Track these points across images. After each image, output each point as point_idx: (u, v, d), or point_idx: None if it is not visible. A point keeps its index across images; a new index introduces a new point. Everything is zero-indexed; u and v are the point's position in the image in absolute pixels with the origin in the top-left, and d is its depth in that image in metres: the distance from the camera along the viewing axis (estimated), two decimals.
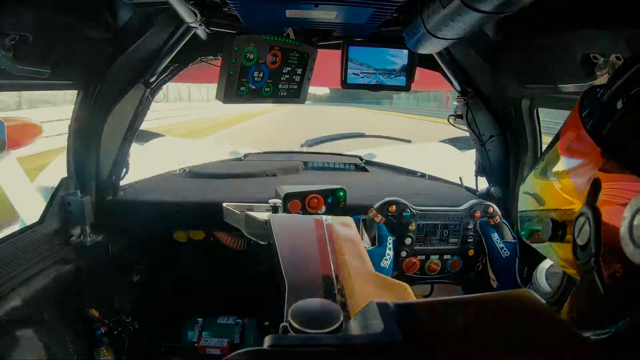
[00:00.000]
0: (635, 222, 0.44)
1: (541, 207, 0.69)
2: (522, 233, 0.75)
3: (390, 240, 1.75)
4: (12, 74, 1.36)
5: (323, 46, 2.00)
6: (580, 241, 0.54)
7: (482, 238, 1.86)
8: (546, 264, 1.05)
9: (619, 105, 0.54)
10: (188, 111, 24.19)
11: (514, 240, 1.83)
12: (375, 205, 1.86)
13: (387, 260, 1.68)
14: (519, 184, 2.09)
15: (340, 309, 0.60)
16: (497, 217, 1.91)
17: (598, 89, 0.61)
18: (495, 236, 1.82)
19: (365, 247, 1.58)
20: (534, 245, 0.71)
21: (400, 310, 0.54)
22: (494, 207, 1.92)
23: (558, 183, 0.64)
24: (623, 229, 0.46)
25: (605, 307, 0.50)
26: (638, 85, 0.52)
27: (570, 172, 0.62)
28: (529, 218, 0.74)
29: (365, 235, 1.81)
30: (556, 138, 0.69)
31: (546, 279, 0.97)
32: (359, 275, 0.98)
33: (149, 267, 2.56)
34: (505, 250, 1.77)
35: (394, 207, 1.85)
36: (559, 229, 0.59)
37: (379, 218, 1.82)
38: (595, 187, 0.52)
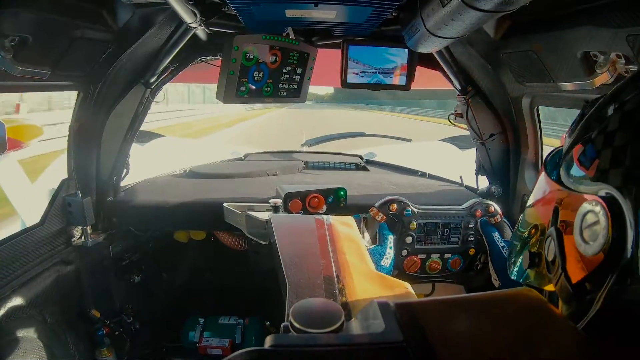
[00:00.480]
0: (583, 225, 0.54)
1: (520, 245, 0.79)
2: (513, 276, 0.82)
3: (391, 238, 1.75)
4: (12, 75, 1.36)
5: (323, 45, 2.00)
6: (549, 257, 0.62)
7: (483, 237, 1.86)
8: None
9: (570, 146, 0.64)
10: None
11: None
12: (377, 204, 1.86)
13: (387, 259, 1.68)
14: (520, 183, 2.10)
15: (341, 309, 0.60)
16: (498, 216, 1.91)
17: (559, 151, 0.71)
18: (496, 235, 1.82)
19: (366, 246, 1.58)
20: (523, 281, 0.77)
21: (401, 309, 0.54)
22: (494, 206, 1.92)
23: (531, 219, 0.75)
24: (575, 232, 0.55)
25: (578, 302, 0.56)
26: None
27: (540, 212, 0.72)
28: (513, 262, 0.82)
29: (366, 234, 1.81)
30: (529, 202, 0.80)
31: None
32: (360, 274, 0.98)
33: (150, 267, 2.56)
34: (506, 250, 1.76)
35: (395, 205, 1.85)
36: (535, 257, 0.68)
37: (380, 217, 1.82)
38: (555, 212, 0.62)
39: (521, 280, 0.77)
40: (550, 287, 0.64)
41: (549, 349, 0.51)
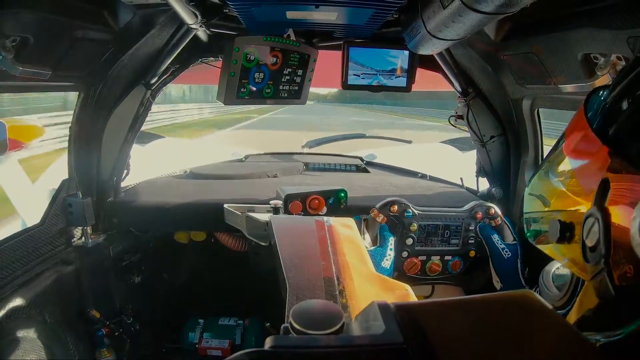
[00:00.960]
0: None
1: (548, 209, 0.68)
2: (528, 235, 0.75)
3: (391, 240, 1.75)
4: (12, 75, 1.36)
5: (324, 47, 2.00)
6: (589, 242, 0.53)
7: (483, 240, 1.86)
8: (552, 266, 1.04)
9: (625, 105, 0.53)
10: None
11: (514, 242, 1.83)
12: (377, 205, 1.86)
13: (387, 260, 1.68)
14: (520, 185, 2.10)
15: (341, 310, 0.60)
16: (498, 218, 1.91)
17: (603, 90, 0.61)
18: (495, 237, 1.81)
19: (367, 247, 1.58)
20: (541, 247, 0.70)
21: (401, 311, 0.54)
22: (495, 209, 1.92)
23: (565, 184, 0.64)
24: (633, 230, 0.45)
25: (616, 309, 0.49)
26: None
27: (577, 173, 0.61)
28: (535, 220, 0.73)
29: (367, 235, 1.81)
30: (561, 139, 0.68)
31: (553, 282, 0.96)
32: (360, 276, 0.97)
33: (150, 268, 2.56)
34: (506, 252, 1.76)
35: (396, 207, 1.85)
36: (567, 231, 0.59)
37: (380, 218, 1.82)
38: (603, 187, 0.52)
39: (537, 245, 0.70)
40: (578, 272, 0.57)
41: (549, 353, 0.51)
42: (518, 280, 1.71)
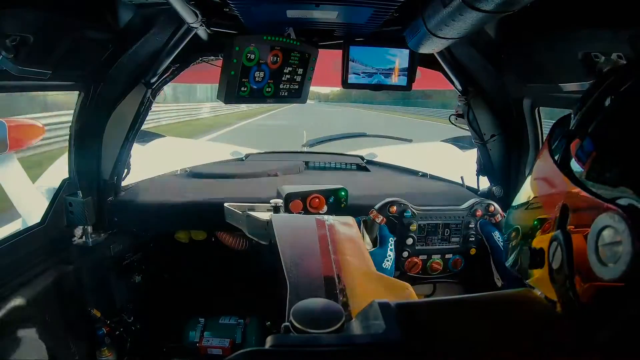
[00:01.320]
0: (599, 242, 0.46)
1: (521, 234, 0.71)
2: (508, 264, 0.76)
3: (391, 240, 1.75)
4: (12, 75, 1.36)
5: (324, 46, 2.00)
6: (554, 265, 0.55)
7: (484, 237, 1.86)
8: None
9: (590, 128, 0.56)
10: None
11: None
12: (376, 206, 1.86)
13: (388, 261, 1.68)
14: (521, 184, 2.10)
15: (342, 309, 0.60)
16: (499, 215, 1.91)
17: (567, 119, 0.64)
18: (496, 234, 1.82)
19: (367, 249, 1.58)
20: (517, 273, 0.72)
21: (401, 310, 0.54)
22: (494, 206, 1.92)
23: (534, 209, 0.67)
24: (589, 249, 0.47)
25: (584, 324, 0.51)
26: (601, 114, 0.55)
27: (542, 199, 0.65)
28: (511, 248, 0.76)
29: (367, 237, 1.81)
30: (530, 171, 0.72)
31: None
32: (360, 275, 0.98)
33: (151, 267, 2.56)
34: None
35: (395, 207, 1.85)
36: (537, 256, 0.61)
37: (379, 219, 1.82)
38: (563, 212, 0.54)
39: (516, 271, 0.72)
40: (549, 294, 0.59)
41: (550, 350, 0.51)
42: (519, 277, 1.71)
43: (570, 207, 0.54)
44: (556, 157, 0.60)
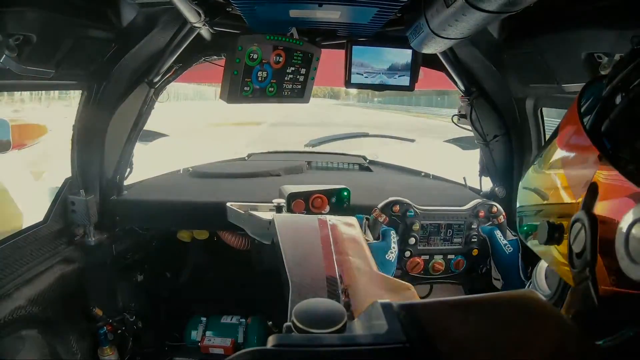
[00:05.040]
0: (631, 235, 0.42)
1: (538, 205, 0.67)
2: (520, 231, 0.74)
3: (393, 234, 1.74)
4: (16, 74, 1.36)
5: (327, 46, 2.00)
6: (576, 248, 0.52)
7: (486, 237, 1.85)
8: (543, 268, 1.04)
9: (618, 100, 0.52)
10: None
11: (515, 237, 1.83)
12: (379, 206, 1.85)
13: (392, 253, 1.67)
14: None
15: (344, 309, 0.60)
16: (501, 216, 1.90)
17: (597, 82, 0.59)
18: (498, 234, 1.82)
19: (369, 240, 1.58)
20: (531, 245, 0.70)
21: (404, 310, 0.54)
22: (497, 207, 1.91)
23: (556, 181, 0.62)
24: (618, 242, 0.44)
25: (599, 318, 0.49)
26: (638, 79, 0.51)
27: (568, 172, 0.60)
28: (526, 216, 0.72)
29: (369, 235, 1.81)
30: (555, 132, 0.67)
31: (545, 279, 0.95)
32: (363, 275, 0.98)
33: (153, 266, 2.57)
34: (508, 247, 1.77)
35: (398, 207, 1.84)
36: (555, 232, 0.57)
37: (382, 218, 1.82)
38: (592, 192, 0.50)
39: (528, 242, 0.69)
40: (565, 274, 0.56)
41: (551, 352, 0.51)
42: (518, 276, 1.72)
43: (599, 187, 0.50)
44: (587, 123, 0.56)
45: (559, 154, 0.64)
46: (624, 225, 0.43)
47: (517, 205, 0.79)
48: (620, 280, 0.44)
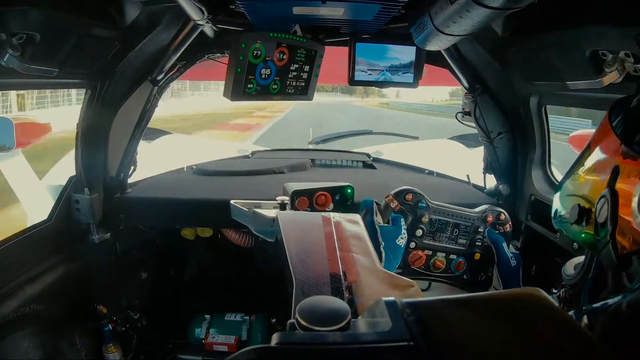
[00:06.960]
0: None
1: (572, 195, 0.77)
2: (555, 221, 0.83)
3: (403, 221, 1.72)
4: (20, 72, 1.37)
5: (330, 43, 1.99)
6: (600, 219, 0.61)
7: (492, 245, 1.84)
8: (573, 262, 1.07)
9: None
10: None
11: (517, 252, 1.83)
12: (393, 192, 1.83)
13: (402, 238, 1.65)
14: (527, 181, 2.09)
15: (348, 307, 0.60)
16: (507, 225, 1.89)
17: (627, 100, 0.70)
18: (504, 244, 1.81)
19: (379, 223, 1.58)
20: (563, 229, 0.79)
21: (408, 308, 0.54)
22: (505, 215, 1.89)
23: (588, 177, 0.74)
24: (634, 204, 0.54)
25: (616, 279, 0.58)
26: None
27: (597, 166, 0.70)
28: (561, 204, 0.82)
29: (380, 218, 1.79)
30: (586, 149, 0.78)
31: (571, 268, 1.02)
32: (367, 272, 0.97)
33: (157, 264, 2.58)
34: (513, 260, 1.76)
35: (411, 195, 1.82)
36: (584, 214, 0.67)
37: (394, 204, 1.80)
38: (615, 172, 0.60)
39: (561, 227, 0.79)
40: (592, 248, 0.66)
41: (556, 350, 0.50)
42: (519, 286, 1.72)
43: (621, 168, 0.59)
44: (618, 131, 0.65)
45: (592, 156, 0.75)
46: (637, 191, 0.54)
47: (556, 209, 0.87)
48: (636, 240, 0.53)
